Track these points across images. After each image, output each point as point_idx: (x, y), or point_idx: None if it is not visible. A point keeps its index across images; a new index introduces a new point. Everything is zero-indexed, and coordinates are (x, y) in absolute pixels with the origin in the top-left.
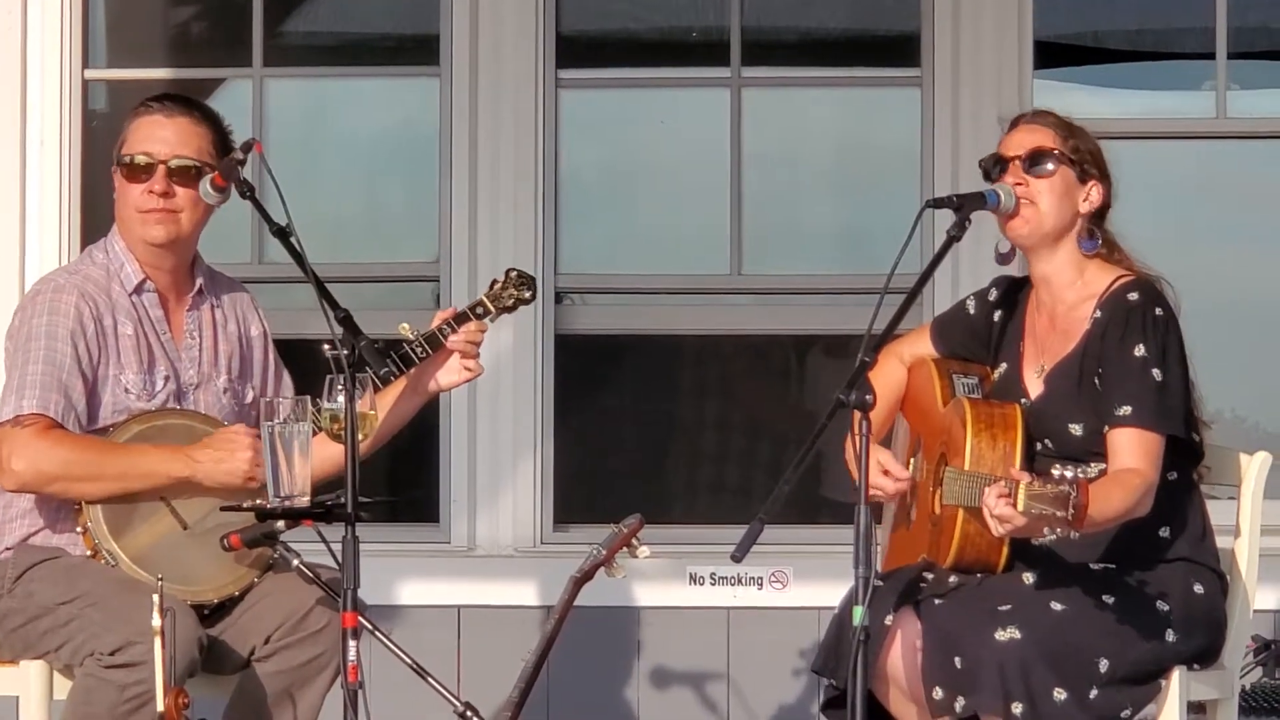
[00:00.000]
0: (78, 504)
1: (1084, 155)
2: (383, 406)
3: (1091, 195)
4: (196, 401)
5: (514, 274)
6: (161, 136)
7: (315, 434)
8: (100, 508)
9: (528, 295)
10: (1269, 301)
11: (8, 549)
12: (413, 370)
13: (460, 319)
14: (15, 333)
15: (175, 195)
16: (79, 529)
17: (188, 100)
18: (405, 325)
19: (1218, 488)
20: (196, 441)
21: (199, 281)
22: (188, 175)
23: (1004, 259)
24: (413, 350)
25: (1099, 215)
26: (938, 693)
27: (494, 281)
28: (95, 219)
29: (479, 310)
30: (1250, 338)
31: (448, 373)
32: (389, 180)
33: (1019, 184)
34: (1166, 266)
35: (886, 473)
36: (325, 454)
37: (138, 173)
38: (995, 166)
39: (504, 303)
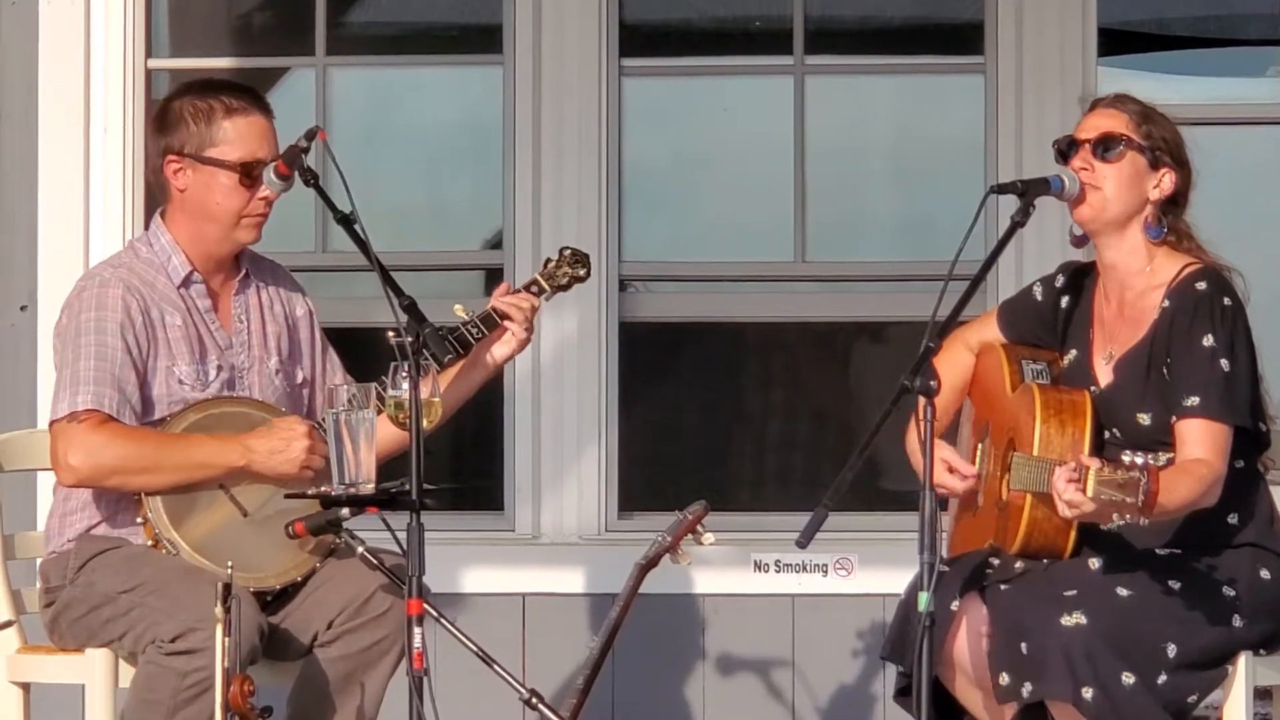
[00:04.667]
0: (137, 495)
1: (1157, 142)
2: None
3: (1163, 183)
4: (250, 385)
5: (568, 252)
6: (266, 140)
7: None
8: (160, 498)
9: (582, 273)
10: None
11: (70, 541)
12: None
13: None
14: (64, 329)
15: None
16: (139, 519)
17: (258, 94)
18: (459, 307)
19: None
20: (253, 427)
21: (244, 266)
22: None
23: (1078, 242)
24: (468, 331)
25: (1171, 203)
26: (1004, 678)
27: (548, 260)
28: (157, 207)
29: (534, 289)
30: None
31: (501, 345)
32: (452, 169)
33: (1085, 168)
34: (1230, 253)
35: (952, 470)
36: (385, 432)
37: (257, 180)
38: (1069, 148)
39: (559, 281)
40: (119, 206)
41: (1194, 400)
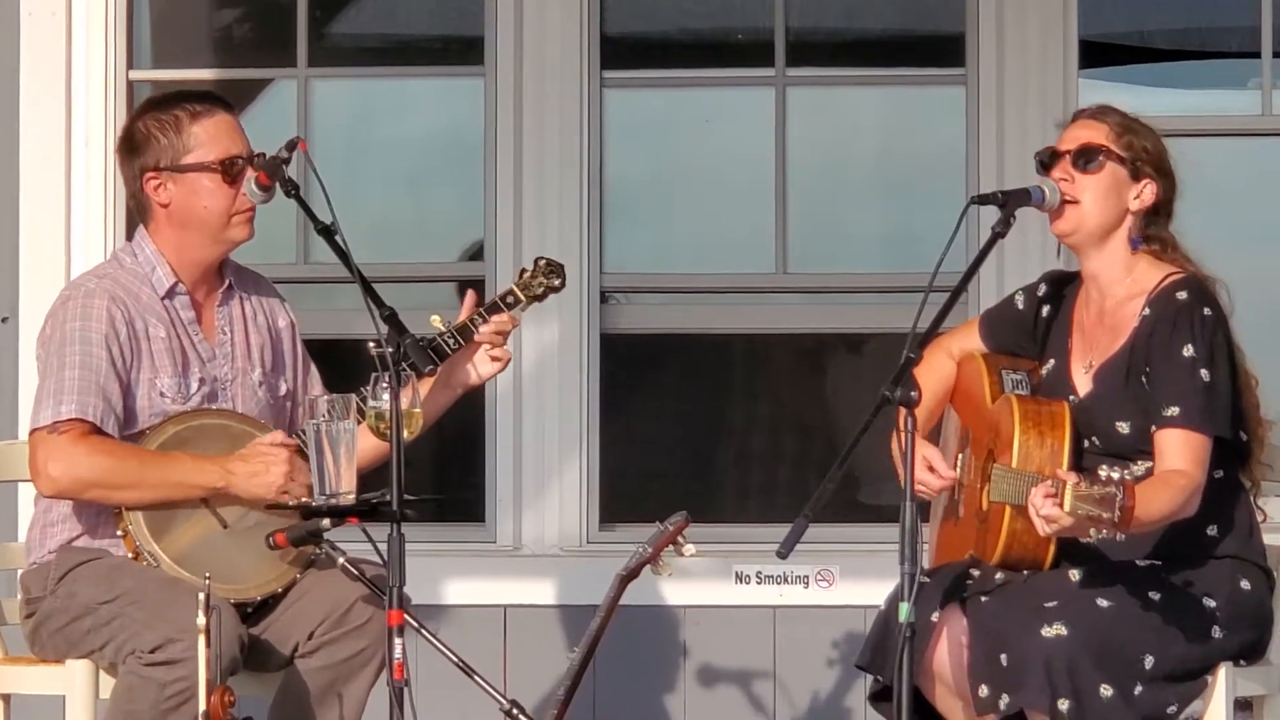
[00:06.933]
0: (117, 508)
1: (1138, 152)
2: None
3: (1144, 194)
4: (233, 398)
5: (543, 262)
6: (238, 136)
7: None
8: (140, 510)
9: (557, 283)
10: None
11: (51, 552)
12: (445, 363)
13: (491, 309)
14: (48, 339)
15: None
16: (119, 532)
17: (216, 95)
18: (436, 317)
19: (1265, 484)
20: (234, 440)
21: (228, 278)
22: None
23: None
24: (444, 342)
25: (1155, 213)
26: (983, 690)
27: (523, 270)
28: (138, 224)
29: (509, 299)
30: None
31: (480, 365)
32: (433, 180)
33: (1064, 179)
34: (1210, 264)
35: (932, 469)
36: (366, 443)
37: (239, 176)
38: (1050, 159)
39: (534, 291)
40: (100, 218)
41: (1174, 410)
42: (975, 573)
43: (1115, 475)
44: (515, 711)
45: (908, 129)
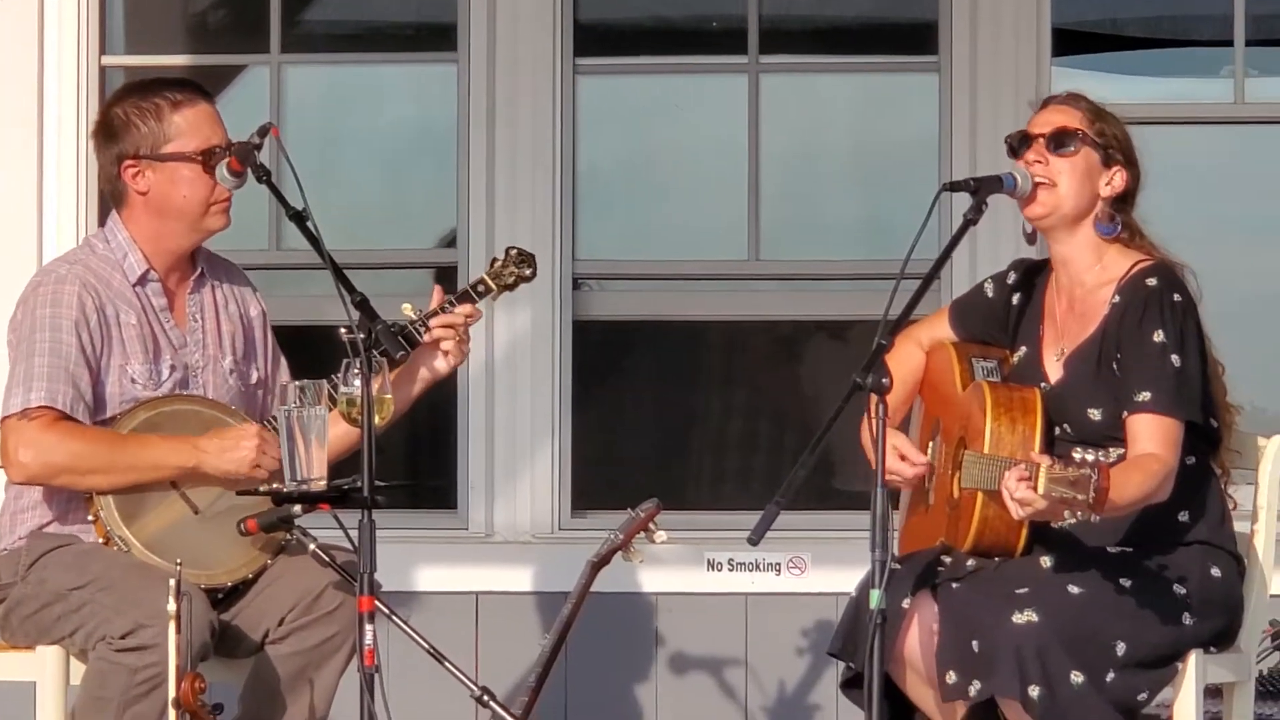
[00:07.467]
0: (88, 493)
1: (1110, 139)
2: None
3: (1114, 180)
4: (204, 385)
5: (514, 252)
6: (218, 126)
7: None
8: (111, 495)
9: (528, 273)
10: None
11: (21, 538)
12: (413, 353)
13: (461, 297)
14: (18, 325)
15: None
16: (90, 517)
17: (195, 83)
18: (407, 305)
19: (1236, 472)
20: (205, 426)
21: (200, 265)
22: None
23: (1030, 239)
24: (416, 330)
25: (1121, 200)
26: (951, 676)
27: (494, 260)
28: (110, 210)
29: (480, 289)
30: (1267, 324)
31: (441, 360)
32: (407, 167)
33: (1040, 162)
34: (1181, 252)
35: (904, 458)
36: (338, 431)
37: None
38: (1021, 143)
39: (505, 280)
40: (72, 204)
41: (1145, 395)
42: (947, 559)
43: (1089, 458)
44: (486, 698)
45: (881, 116)
